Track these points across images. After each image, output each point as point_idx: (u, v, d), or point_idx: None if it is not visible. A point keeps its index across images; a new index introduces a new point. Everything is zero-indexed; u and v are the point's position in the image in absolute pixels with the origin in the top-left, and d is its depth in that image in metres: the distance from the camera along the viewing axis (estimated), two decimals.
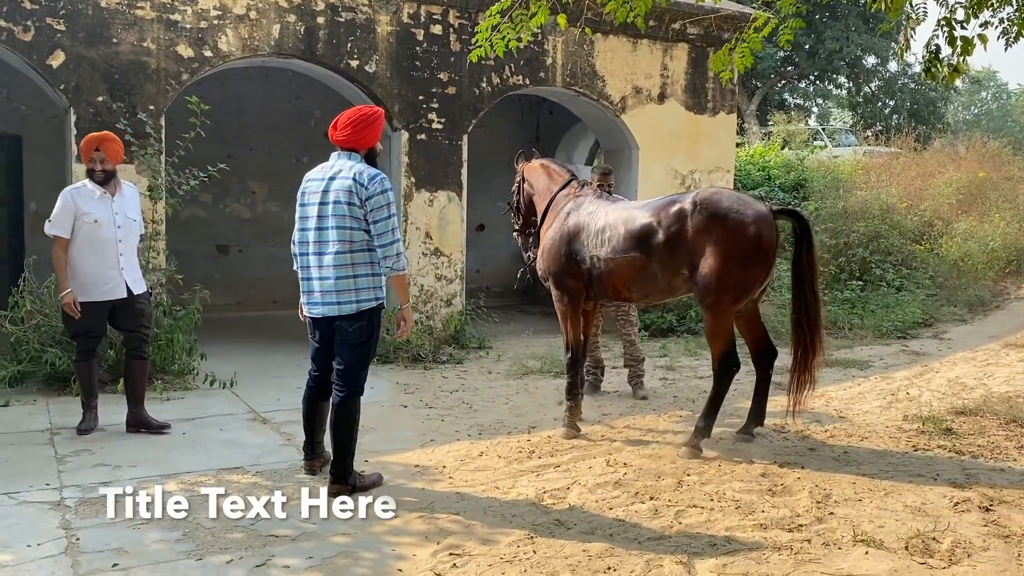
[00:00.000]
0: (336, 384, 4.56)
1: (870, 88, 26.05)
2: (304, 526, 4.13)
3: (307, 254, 4.55)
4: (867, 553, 3.88)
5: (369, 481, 4.68)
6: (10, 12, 7.07)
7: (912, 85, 26.18)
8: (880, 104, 26.48)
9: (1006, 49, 4.50)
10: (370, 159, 4.59)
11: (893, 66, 25.70)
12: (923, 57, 3.38)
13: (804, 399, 5.47)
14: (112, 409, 5.91)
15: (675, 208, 5.39)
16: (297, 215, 4.62)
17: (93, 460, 5.07)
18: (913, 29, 3.36)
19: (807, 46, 23.54)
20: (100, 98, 7.44)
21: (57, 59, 7.30)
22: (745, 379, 7.52)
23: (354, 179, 4.41)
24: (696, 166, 10.60)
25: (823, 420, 6.21)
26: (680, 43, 10.26)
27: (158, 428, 5.69)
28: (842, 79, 26.15)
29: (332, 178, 4.48)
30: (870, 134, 21.88)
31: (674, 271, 5.41)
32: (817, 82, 26.73)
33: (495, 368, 8.01)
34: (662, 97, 10.29)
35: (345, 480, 4.54)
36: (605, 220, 5.71)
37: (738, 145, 18.72)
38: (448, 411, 6.42)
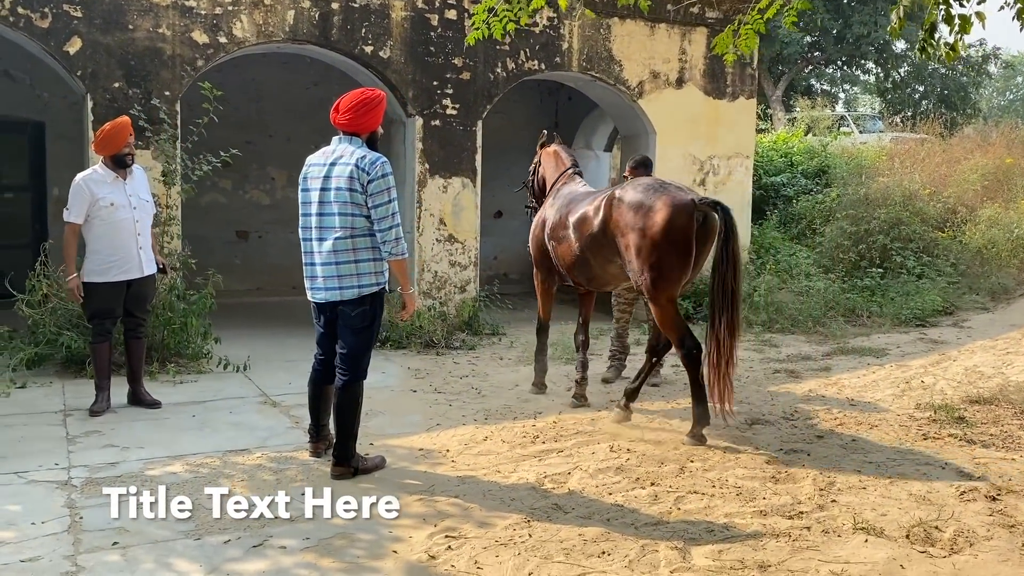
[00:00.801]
0: (339, 368, 4.59)
1: (899, 74, 25.62)
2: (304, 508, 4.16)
3: (310, 239, 4.58)
4: (867, 541, 3.85)
5: (372, 464, 4.71)
6: None
7: (943, 70, 25.73)
8: (909, 90, 26.05)
9: (1021, 29, 4.39)
10: (371, 143, 4.59)
11: None
12: (919, 36, 3.31)
13: (726, 406, 5.15)
14: (124, 391, 5.99)
15: (605, 198, 5.57)
16: (300, 200, 4.63)
17: (103, 441, 5.15)
18: (906, 7, 3.28)
19: (834, 31, 23.18)
20: (116, 84, 7.51)
21: (74, 45, 7.37)
22: (757, 367, 7.50)
23: (356, 165, 4.41)
24: (715, 151, 10.51)
25: (833, 408, 6.15)
26: (699, 27, 10.15)
27: (150, 404, 5.90)
28: (870, 64, 25.75)
29: (333, 163, 4.49)
30: (899, 120, 21.56)
31: (606, 258, 5.60)
32: (845, 67, 26.35)
33: (507, 354, 8.02)
34: (680, 82, 10.19)
35: (347, 463, 4.58)
36: (562, 208, 6.02)
37: (763, 131, 18.55)
38: (456, 396, 6.44)
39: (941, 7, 3.14)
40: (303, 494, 4.22)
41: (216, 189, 11.22)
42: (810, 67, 26.21)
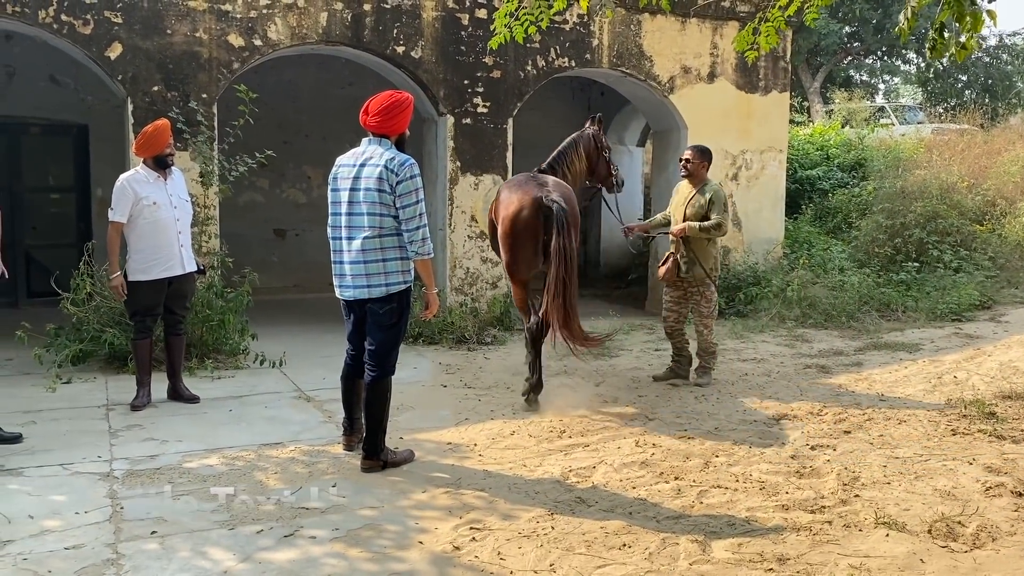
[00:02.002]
0: (368, 364, 4.71)
1: (941, 63, 25.14)
2: (335, 499, 4.29)
3: (339, 238, 4.69)
4: (888, 535, 3.88)
5: (400, 457, 4.83)
6: (71, 6, 7.38)
7: (986, 59, 25.22)
8: (951, 80, 25.55)
9: None
10: (400, 144, 4.70)
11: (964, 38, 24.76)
12: (929, 35, 3.31)
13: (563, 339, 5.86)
14: (164, 386, 6.19)
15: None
16: (329, 200, 4.75)
17: (143, 434, 5.34)
18: (914, 7, 3.26)
19: (874, 21, 22.83)
20: (155, 88, 7.72)
21: (115, 51, 7.60)
22: (788, 362, 7.48)
23: (385, 166, 4.50)
24: (747, 146, 10.47)
25: (862, 403, 6.14)
26: (730, 21, 10.11)
27: (188, 399, 6.11)
28: (911, 54, 25.29)
29: (363, 164, 4.59)
30: (941, 111, 21.19)
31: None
32: (885, 58, 25.94)
33: None
34: (712, 76, 10.18)
35: (376, 456, 4.71)
36: None
37: (800, 123, 18.36)
38: (486, 391, 6.54)
39: (953, 6, 3.14)
40: (333, 486, 4.39)
41: (254, 188, 11.45)
42: (849, 58, 25.84)
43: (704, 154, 6.70)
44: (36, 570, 3.50)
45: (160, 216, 5.87)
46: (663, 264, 6.77)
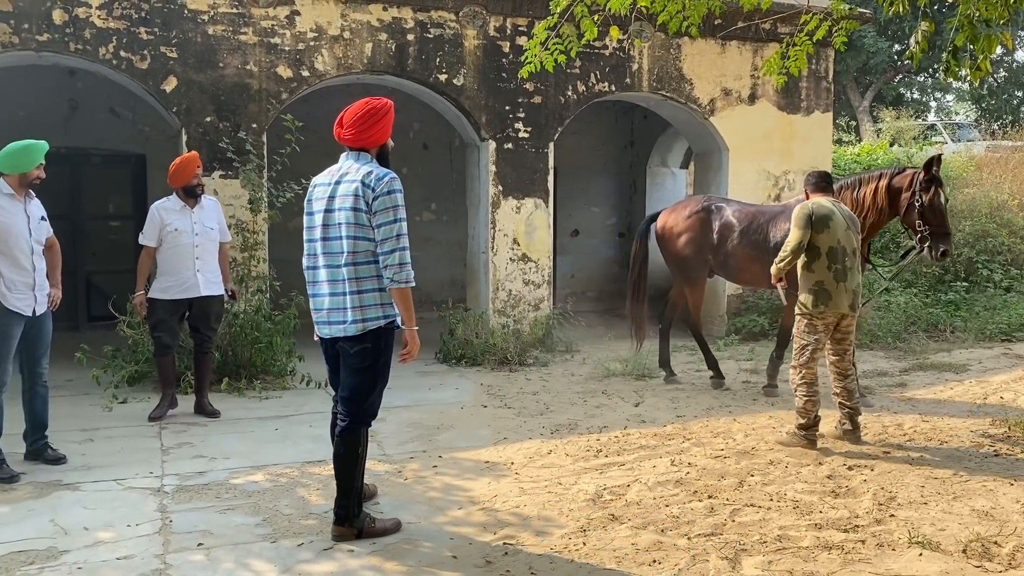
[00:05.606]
0: (340, 411, 4.14)
1: (995, 79, 24.69)
2: (374, 514, 4.41)
3: (315, 268, 4.14)
4: (921, 555, 3.86)
5: (381, 528, 4.15)
6: (129, 43, 7.74)
7: None
8: (1006, 96, 25.05)
9: None
10: (382, 158, 4.16)
11: (1020, 55, 24.36)
12: (943, 58, 3.35)
13: None
14: (223, 406, 6.53)
15: None
16: (304, 225, 4.21)
17: (193, 452, 5.54)
18: (924, 32, 3.29)
19: None
20: (208, 119, 8.04)
21: (170, 84, 7.93)
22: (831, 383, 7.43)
23: (361, 181, 3.94)
24: (790, 166, 10.46)
25: (904, 423, 6.09)
26: (771, 43, 10.13)
27: (210, 413, 6.42)
28: (964, 71, 24.84)
29: (338, 182, 4.03)
30: (996, 128, 20.78)
31: None
32: (937, 75, 25.54)
33: (578, 371, 8.16)
34: (752, 98, 10.21)
35: (349, 523, 4.09)
36: None
37: (848, 143, 18.19)
38: (525, 411, 6.63)
39: (966, 28, 3.18)
40: (376, 503, 4.52)
41: (302, 214, 11.73)
42: (899, 76, 25.52)
43: (807, 179, 5.93)
44: None
45: (181, 243, 6.26)
46: None
